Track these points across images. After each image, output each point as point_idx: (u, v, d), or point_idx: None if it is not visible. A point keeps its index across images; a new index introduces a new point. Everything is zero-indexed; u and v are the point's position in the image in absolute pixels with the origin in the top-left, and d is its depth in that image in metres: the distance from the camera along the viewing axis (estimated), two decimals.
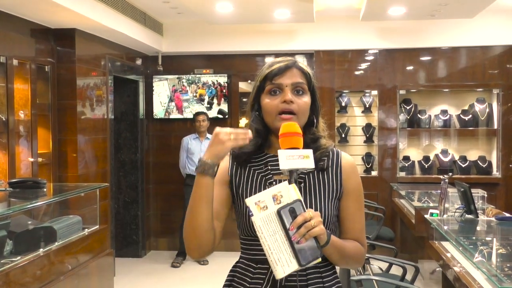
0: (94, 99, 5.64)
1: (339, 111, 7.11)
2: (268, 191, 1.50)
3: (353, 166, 1.78)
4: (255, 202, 1.49)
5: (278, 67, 1.70)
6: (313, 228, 1.47)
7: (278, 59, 1.75)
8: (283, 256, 1.47)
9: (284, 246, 1.47)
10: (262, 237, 1.48)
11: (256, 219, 1.49)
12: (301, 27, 6.84)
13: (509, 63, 6.75)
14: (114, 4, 5.36)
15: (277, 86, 1.69)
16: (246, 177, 1.75)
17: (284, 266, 1.46)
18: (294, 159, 1.53)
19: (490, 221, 4.19)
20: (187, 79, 7.19)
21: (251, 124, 1.75)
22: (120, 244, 6.90)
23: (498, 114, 6.83)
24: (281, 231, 1.47)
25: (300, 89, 1.70)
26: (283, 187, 1.50)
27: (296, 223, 1.47)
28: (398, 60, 6.93)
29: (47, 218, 4.15)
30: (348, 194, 1.74)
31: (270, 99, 1.69)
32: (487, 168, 6.86)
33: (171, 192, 7.28)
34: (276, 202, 1.49)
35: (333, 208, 1.71)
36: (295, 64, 1.72)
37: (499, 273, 2.77)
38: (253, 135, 1.69)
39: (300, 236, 1.46)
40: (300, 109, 1.68)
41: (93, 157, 5.63)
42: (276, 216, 1.48)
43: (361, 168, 7.06)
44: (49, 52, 5.12)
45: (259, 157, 1.76)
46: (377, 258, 3.79)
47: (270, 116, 1.69)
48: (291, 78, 1.69)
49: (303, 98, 1.69)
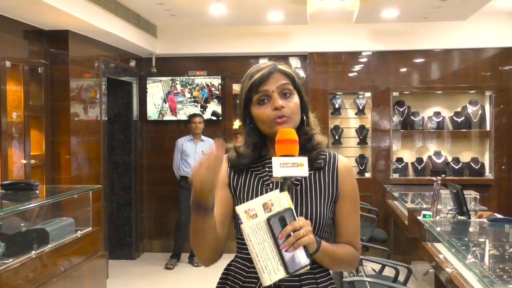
0: (87, 101, 5.63)
1: (333, 113, 7.12)
2: (259, 199, 1.51)
3: (350, 169, 1.79)
4: (245, 210, 1.49)
5: (260, 76, 1.69)
6: (302, 238, 1.47)
7: (258, 66, 1.75)
8: (270, 264, 1.47)
9: (272, 254, 1.47)
10: (250, 245, 1.49)
11: (245, 227, 1.49)
12: (294, 29, 6.86)
13: (502, 65, 6.79)
14: (107, 5, 5.35)
15: (264, 94, 1.68)
16: (244, 178, 1.76)
17: (271, 274, 1.47)
18: (288, 167, 1.53)
19: (482, 222, 4.21)
20: (180, 81, 7.19)
21: (246, 138, 1.74)
22: (114, 246, 6.88)
23: (490, 116, 6.87)
24: (270, 239, 1.48)
25: (287, 91, 1.69)
26: (274, 196, 1.50)
27: (286, 232, 1.47)
28: (391, 62, 6.95)
29: (39, 220, 4.14)
30: (343, 197, 1.74)
31: (261, 109, 1.69)
32: (480, 169, 6.89)
33: (165, 194, 7.27)
34: (267, 211, 1.49)
35: (328, 211, 1.71)
36: (275, 68, 1.72)
37: (490, 274, 2.79)
38: (250, 149, 1.72)
39: (289, 245, 1.46)
40: (292, 111, 1.68)
41: (86, 159, 5.62)
42: (266, 224, 1.48)
43: (354, 170, 7.04)
44: (42, 54, 5.11)
45: (257, 160, 1.76)
46: (369, 259, 3.80)
47: (264, 124, 1.69)
48: (275, 83, 1.68)
49: (292, 100, 1.69)
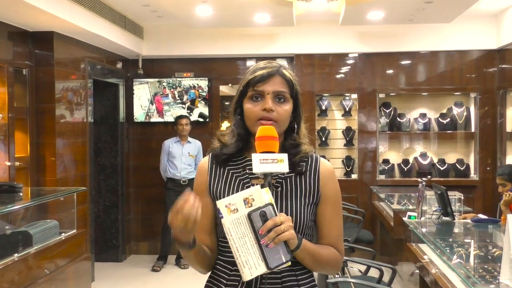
0: (73, 103, 5.60)
1: (320, 114, 7.15)
2: (240, 194, 1.52)
3: (331, 172, 1.78)
4: (226, 204, 1.51)
5: (261, 74, 1.70)
6: (283, 233, 1.49)
7: (263, 63, 1.75)
8: (251, 259, 1.48)
9: (253, 249, 1.48)
10: (230, 239, 1.50)
11: (226, 221, 1.50)
12: (281, 31, 6.87)
13: (486, 67, 6.84)
14: (93, 7, 5.33)
15: (258, 93, 1.69)
16: (224, 179, 1.76)
17: (252, 269, 1.48)
18: (268, 163, 1.54)
19: (466, 223, 4.25)
20: (167, 82, 7.18)
21: (232, 127, 1.76)
22: (100, 249, 6.85)
23: (475, 117, 6.92)
24: (250, 234, 1.49)
25: (281, 97, 1.70)
26: (255, 191, 1.51)
27: (266, 227, 1.48)
28: (377, 64, 6.98)
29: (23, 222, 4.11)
30: (325, 200, 1.74)
31: (252, 105, 1.70)
32: (465, 170, 6.94)
33: (152, 196, 7.25)
34: (248, 206, 1.50)
35: (309, 213, 1.72)
36: (278, 71, 1.72)
37: (473, 275, 2.81)
38: (235, 139, 1.74)
39: (270, 240, 1.48)
40: (280, 117, 1.69)
41: (72, 161, 5.59)
42: (247, 219, 1.49)
43: (341, 171, 7.10)
44: (27, 55, 5.08)
45: (238, 160, 1.77)
46: (354, 260, 3.82)
47: (250, 121, 1.70)
48: (273, 86, 1.69)
49: (284, 106, 1.70)
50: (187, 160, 6.61)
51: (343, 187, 7.27)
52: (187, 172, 6.57)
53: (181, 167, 6.58)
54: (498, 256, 3.14)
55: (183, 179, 6.56)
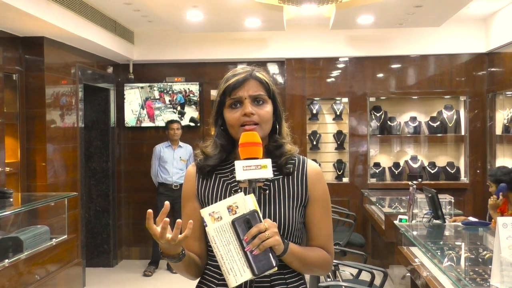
0: (64, 108, 5.59)
1: (310, 118, 7.16)
2: (223, 202, 1.52)
3: (319, 173, 1.78)
4: (209, 213, 1.51)
5: (235, 81, 1.70)
6: (268, 239, 1.49)
7: (235, 71, 1.76)
8: (236, 266, 1.49)
9: (238, 256, 1.49)
10: (215, 247, 1.51)
11: (210, 229, 1.51)
12: (272, 35, 6.89)
13: (475, 70, 6.89)
14: (83, 12, 5.32)
15: (236, 100, 1.70)
16: (212, 184, 1.76)
17: (237, 276, 1.49)
18: (251, 169, 1.55)
19: (457, 226, 4.27)
20: (158, 87, 7.17)
21: (215, 139, 1.76)
22: (91, 254, 6.82)
23: (465, 120, 6.96)
24: (235, 241, 1.50)
25: (259, 99, 1.70)
26: (239, 198, 1.51)
27: (250, 234, 1.49)
28: (368, 67, 7.02)
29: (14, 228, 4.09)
30: (314, 201, 1.75)
31: (232, 113, 1.70)
32: (456, 173, 6.98)
33: (143, 201, 7.23)
34: (232, 213, 1.51)
35: (298, 215, 1.72)
36: (252, 75, 1.72)
37: (464, 278, 2.83)
38: (218, 150, 1.74)
39: (254, 247, 1.48)
40: (262, 119, 1.69)
41: (63, 166, 5.57)
42: (231, 227, 1.50)
43: (332, 175, 7.12)
44: (17, 61, 5.06)
45: (225, 165, 1.77)
46: (346, 264, 3.83)
47: (233, 128, 1.71)
48: (248, 91, 1.69)
49: (264, 108, 1.71)
50: (179, 165, 6.60)
51: (334, 190, 7.32)
52: (179, 177, 6.56)
53: (172, 172, 6.57)
54: (488, 259, 3.16)
55: (174, 183, 6.55)
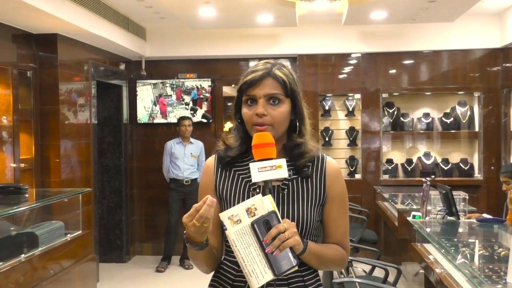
0: (77, 104, 5.61)
1: (323, 114, 7.14)
2: (242, 205, 1.52)
3: (338, 172, 1.77)
4: (228, 216, 1.51)
5: (251, 78, 1.67)
6: (287, 240, 1.49)
7: (256, 66, 1.72)
8: (257, 268, 1.49)
9: (259, 258, 1.49)
10: (235, 250, 1.51)
11: (230, 233, 1.51)
12: (284, 31, 6.87)
13: (490, 66, 6.84)
14: (96, 9, 5.34)
15: (251, 97, 1.67)
16: (230, 181, 1.75)
17: (259, 277, 1.49)
18: (266, 171, 1.54)
19: (471, 223, 4.25)
20: (170, 83, 7.19)
21: (233, 132, 1.76)
22: (104, 249, 6.86)
23: (479, 117, 6.91)
24: (255, 243, 1.49)
25: (275, 99, 1.67)
26: (257, 200, 1.51)
27: (270, 235, 1.48)
28: (380, 63, 6.98)
29: (29, 223, 4.12)
30: (332, 199, 1.74)
31: (247, 109, 1.68)
32: (469, 170, 6.93)
33: (155, 197, 7.26)
34: (250, 215, 1.50)
35: (316, 214, 1.71)
36: (269, 73, 1.68)
37: (479, 275, 2.80)
38: (238, 142, 1.73)
39: (274, 248, 1.48)
40: (275, 120, 1.66)
41: (77, 162, 5.60)
42: (250, 229, 1.50)
43: (344, 171, 7.10)
44: (31, 58, 5.09)
45: (244, 161, 1.76)
46: (359, 260, 3.81)
47: (247, 125, 1.70)
48: (264, 89, 1.66)
49: (278, 109, 1.66)
50: (190, 161, 6.62)
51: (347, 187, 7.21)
52: (190, 173, 6.59)
53: (183, 168, 6.59)
54: (504, 256, 3.13)
55: (186, 179, 6.57)
